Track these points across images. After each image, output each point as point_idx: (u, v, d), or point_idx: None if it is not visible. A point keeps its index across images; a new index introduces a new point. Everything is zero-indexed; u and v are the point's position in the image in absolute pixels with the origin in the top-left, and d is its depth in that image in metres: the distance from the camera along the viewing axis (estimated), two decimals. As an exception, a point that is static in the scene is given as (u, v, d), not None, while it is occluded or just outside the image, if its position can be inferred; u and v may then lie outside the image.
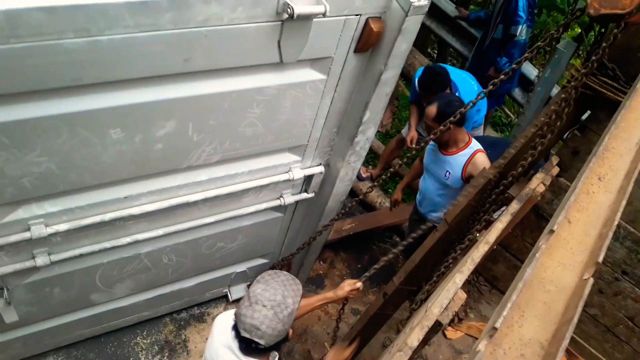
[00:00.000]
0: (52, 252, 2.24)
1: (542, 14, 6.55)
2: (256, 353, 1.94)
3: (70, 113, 1.74)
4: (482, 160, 3.06)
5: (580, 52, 5.07)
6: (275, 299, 1.88)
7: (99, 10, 1.49)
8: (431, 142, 3.19)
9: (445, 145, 3.17)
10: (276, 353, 2.06)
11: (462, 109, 2.42)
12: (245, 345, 1.91)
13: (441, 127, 2.49)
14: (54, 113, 1.71)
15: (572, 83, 2.06)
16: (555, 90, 4.49)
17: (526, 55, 2.21)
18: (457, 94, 3.77)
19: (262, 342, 1.85)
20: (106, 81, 1.72)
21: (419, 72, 3.93)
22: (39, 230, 2.06)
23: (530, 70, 5.24)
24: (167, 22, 1.62)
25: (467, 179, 3.10)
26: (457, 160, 3.13)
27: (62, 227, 2.11)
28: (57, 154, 1.84)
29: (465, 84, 3.93)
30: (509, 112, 6.31)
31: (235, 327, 1.94)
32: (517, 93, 5.42)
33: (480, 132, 4.28)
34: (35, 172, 1.86)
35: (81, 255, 2.32)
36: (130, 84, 1.78)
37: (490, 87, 2.25)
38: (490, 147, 3.26)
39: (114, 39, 1.58)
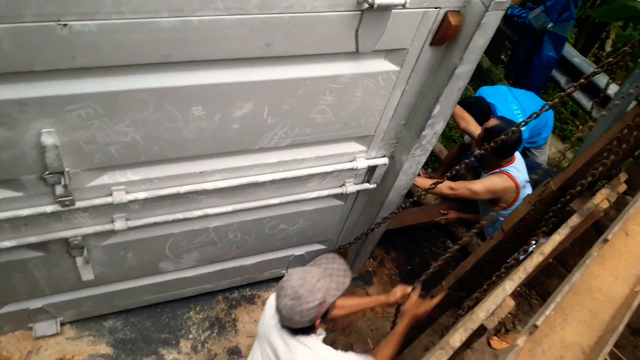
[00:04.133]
0: (129, 218, 2.38)
1: (627, 27, 6.22)
2: (288, 329, 2.04)
3: (158, 88, 1.85)
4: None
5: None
6: (298, 292, 1.91)
7: (193, -8, 1.57)
8: None
9: (485, 164, 3.51)
10: (322, 331, 2.14)
11: (502, 137, 2.38)
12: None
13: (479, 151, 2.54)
14: (144, 87, 1.83)
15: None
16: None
17: (595, 70, 2.13)
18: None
19: (285, 322, 1.99)
20: (193, 60, 1.81)
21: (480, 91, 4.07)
22: (120, 196, 2.19)
23: (601, 79, 4.94)
24: (254, 7, 1.70)
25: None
26: None
27: (141, 195, 2.23)
28: (143, 125, 1.95)
29: (506, 107, 3.89)
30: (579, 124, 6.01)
31: None
32: (585, 101, 5.21)
33: (541, 154, 4.24)
34: (122, 141, 1.98)
35: (155, 224, 2.45)
36: (215, 65, 1.87)
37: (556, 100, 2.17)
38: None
39: (204, 20, 1.67)
